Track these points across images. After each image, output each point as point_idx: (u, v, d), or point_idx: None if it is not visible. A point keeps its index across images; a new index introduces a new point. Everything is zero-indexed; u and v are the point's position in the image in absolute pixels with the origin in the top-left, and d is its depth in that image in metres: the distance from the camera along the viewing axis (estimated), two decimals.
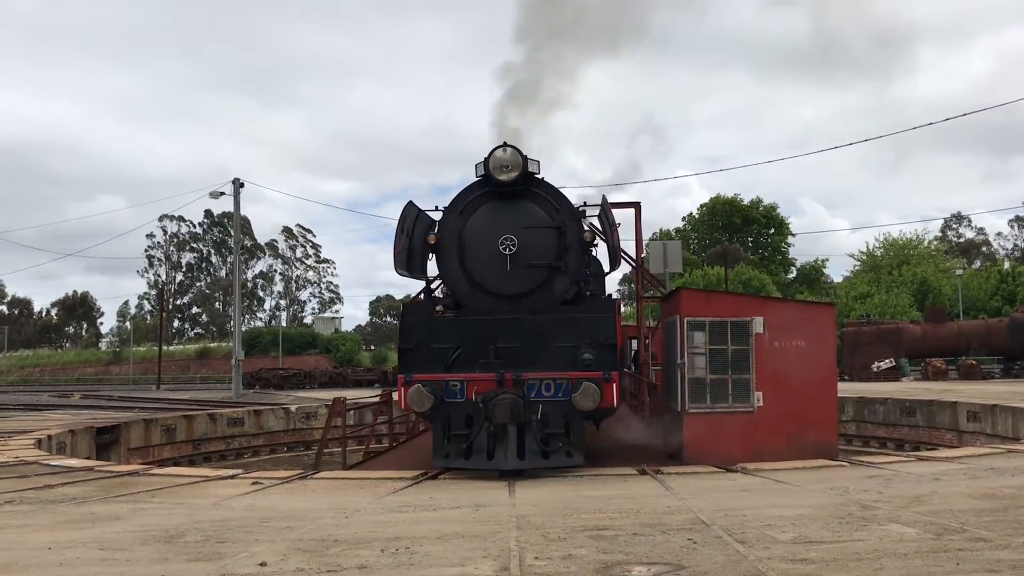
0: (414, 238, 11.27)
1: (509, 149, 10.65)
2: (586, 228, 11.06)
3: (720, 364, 11.58)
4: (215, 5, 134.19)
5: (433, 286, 11.59)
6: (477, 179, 10.89)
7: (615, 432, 12.67)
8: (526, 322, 10.53)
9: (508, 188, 10.72)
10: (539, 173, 10.95)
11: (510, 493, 8.34)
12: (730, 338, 11.57)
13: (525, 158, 10.64)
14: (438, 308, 10.95)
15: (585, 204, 11.60)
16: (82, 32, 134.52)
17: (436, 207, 11.36)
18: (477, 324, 10.61)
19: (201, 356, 75.24)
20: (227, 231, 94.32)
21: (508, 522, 6.57)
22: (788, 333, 11.65)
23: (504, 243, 10.64)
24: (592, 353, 10.16)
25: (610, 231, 12.43)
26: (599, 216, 12.81)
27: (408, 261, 11.42)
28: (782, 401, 11.46)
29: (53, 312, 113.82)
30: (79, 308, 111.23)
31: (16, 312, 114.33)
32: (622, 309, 14.84)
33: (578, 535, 5.94)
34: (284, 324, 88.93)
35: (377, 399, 17.07)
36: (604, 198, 12.53)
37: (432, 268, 11.43)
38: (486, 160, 10.67)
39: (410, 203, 11.69)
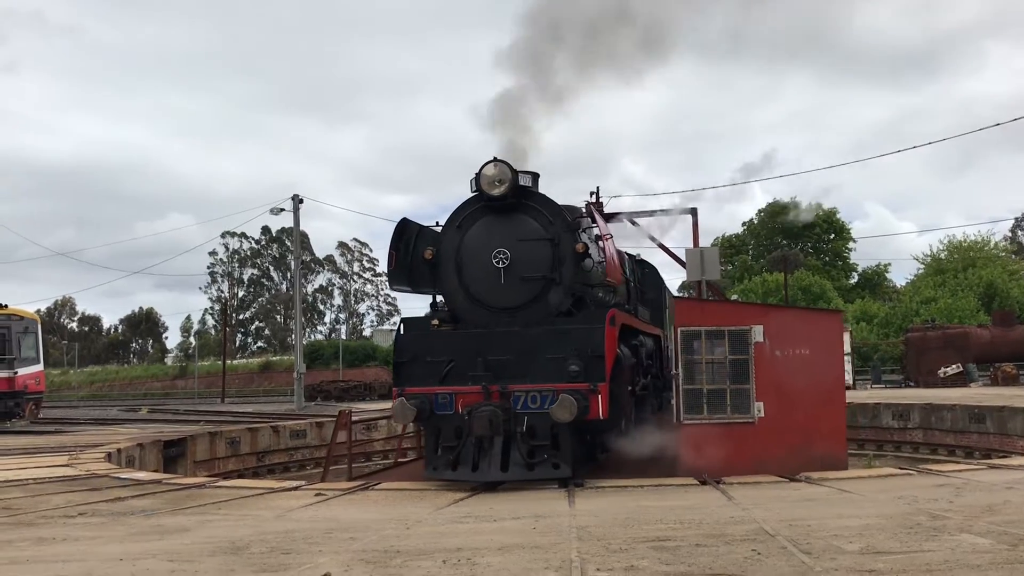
0: (415, 253, 11.50)
1: (499, 164, 10.77)
2: (581, 240, 11.00)
3: (718, 374, 11.33)
4: (279, 26, 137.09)
5: (440, 299, 11.72)
6: (472, 194, 11.03)
7: (632, 444, 12.50)
8: (516, 334, 10.64)
9: (500, 202, 10.84)
10: (533, 186, 11.05)
11: (570, 504, 8.32)
12: (728, 347, 11.33)
13: (515, 172, 10.75)
14: (434, 322, 11.20)
15: (582, 216, 11.59)
16: (152, 56, 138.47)
17: (436, 223, 11.57)
18: (469, 337, 10.79)
19: (264, 369, 76.36)
20: (286, 247, 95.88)
21: (569, 533, 6.55)
22: (791, 342, 11.34)
23: (497, 256, 10.77)
24: (579, 364, 10.21)
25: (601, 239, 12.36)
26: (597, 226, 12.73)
27: (411, 276, 11.72)
28: (785, 412, 11.14)
29: (120, 329, 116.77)
30: (143, 324, 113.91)
31: (86, 329, 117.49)
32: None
33: (640, 546, 5.90)
34: (344, 337, 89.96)
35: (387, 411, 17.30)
36: (588, 206, 12.47)
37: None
38: (477, 175, 10.82)
39: (404, 219, 11.95)
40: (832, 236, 77.33)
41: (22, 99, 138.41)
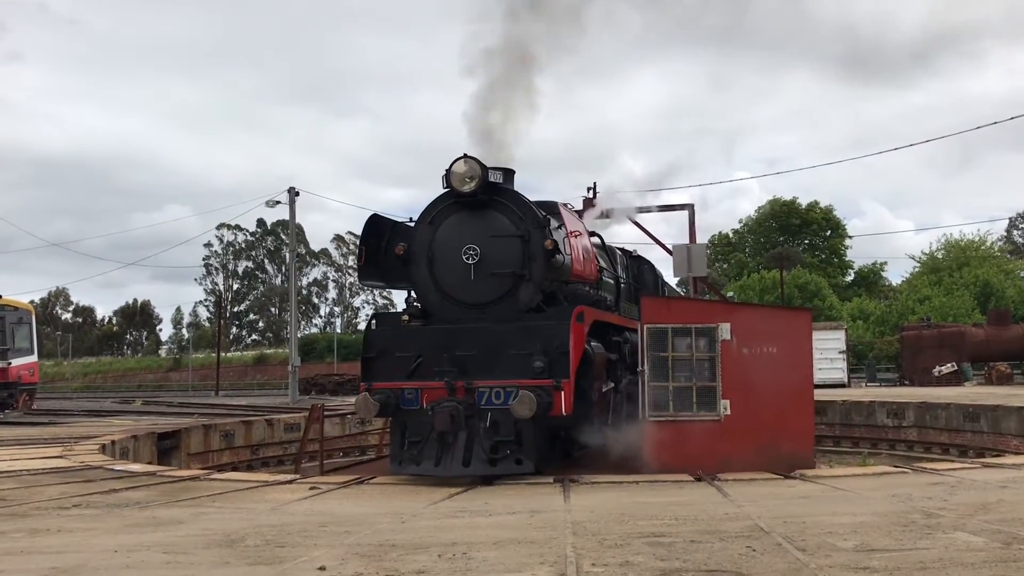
0: (389, 249, 11.56)
1: (469, 161, 10.80)
2: (550, 237, 11.00)
3: (684, 372, 11.29)
4: (280, 18, 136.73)
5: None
6: (445, 190, 11.06)
7: (608, 441, 12.46)
8: (484, 330, 10.69)
9: (470, 199, 10.88)
10: (505, 182, 11.07)
11: (565, 499, 8.32)
12: (694, 345, 11.29)
13: (485, 169, 10.78)
14: (404, 317, 11.25)
15: (554, 213, 11.61)
16: (151, 46, 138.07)
17: (410, 219, 11.61)
18: (437, 333, 10.85)
19: (258, 362, 76.41)
20: (281, 240, 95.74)
21: (564, 528, 6.56)
22: (758, 340, 11.28)
23: (467, 252, 10.81)
24: (543, 361, 10.26)
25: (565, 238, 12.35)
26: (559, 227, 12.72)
27: (385, 271, 11.82)
28: (752, 410, 11.08)
29: (114, 320, 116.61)
30: (138, 316, 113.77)
31: (80, 320, 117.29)
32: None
33: (635, 542, 5.90)
34: (339, 330, 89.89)
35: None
36: (556, 205, 12.46)
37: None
38: (448, 172, 10.85)
39: (374, 215, 12.01)
40: (828, 233, 77.46)
41: (24, 89, 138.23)
